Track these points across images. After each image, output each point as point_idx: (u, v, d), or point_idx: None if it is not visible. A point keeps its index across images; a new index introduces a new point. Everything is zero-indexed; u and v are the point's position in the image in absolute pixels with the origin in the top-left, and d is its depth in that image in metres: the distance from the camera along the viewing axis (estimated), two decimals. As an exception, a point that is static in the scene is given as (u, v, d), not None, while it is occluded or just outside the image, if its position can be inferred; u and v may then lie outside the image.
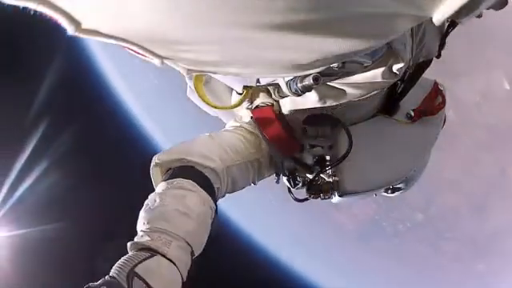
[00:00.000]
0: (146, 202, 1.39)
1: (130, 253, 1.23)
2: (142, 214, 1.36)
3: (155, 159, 1.55)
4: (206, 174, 1.51)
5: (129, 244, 1.27)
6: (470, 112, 5.70)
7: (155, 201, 1.36)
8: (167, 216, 1.32)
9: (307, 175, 1.84)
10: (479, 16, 1.63)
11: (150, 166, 1.56)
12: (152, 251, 1.22)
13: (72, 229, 7.50)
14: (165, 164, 1.53)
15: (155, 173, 1.55)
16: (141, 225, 1.32)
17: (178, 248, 1.27)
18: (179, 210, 1.34)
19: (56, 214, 7.48)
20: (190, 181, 1.43)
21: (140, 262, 1.17)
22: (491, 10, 1.18)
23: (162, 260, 1.22)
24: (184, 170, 1.49)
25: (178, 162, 1.51)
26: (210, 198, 1.46)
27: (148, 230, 1.29)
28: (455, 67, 5.34)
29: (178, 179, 1.43)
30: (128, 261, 1.18)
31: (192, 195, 1.40)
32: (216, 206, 1.49)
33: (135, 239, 1.29)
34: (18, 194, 7.12)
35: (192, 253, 1.33)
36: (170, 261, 1.23)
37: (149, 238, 1.26)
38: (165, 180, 1.46)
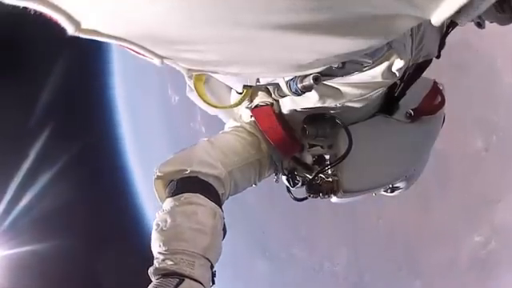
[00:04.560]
0: (156, 222, 1.38)
1: (156, 280, 1.23)
2: (155, 235, 1.35)
3: (157, 172, 1.54)
4: (210, 182, 1.51)
5: (151, 269, 1.27)
6: (511, 234, 5.48)
7: (166, 221, 1.35)
8: (183, 236, 1.31)
9: (306, 175, 1.84)
10: (481, 26, 1.64)
11: (149, 184, 1.55)
12: (179, 275, 1.22)
13: (69, 247, 7.50)
14: (167, 176, 1.52)
15: (157, 185, 1.54)
16: (156, 247, 1.32)
17: (201, 267, 1.28)
18: (193, 228, 1.34)
19: (53, 233, 7.48)
20: (198, 194, 1.43)
21: None
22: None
23: (192, 283, 1.22)
24: (188, 182, 1.48)
25: (181, 173, 1.50)
26: (218, 208, 1.46)
27: (167, 252, 1.28)
28: (489, 194, 5.32)
29: (185, 194, 1.42)
30: None
31: (202, 210, 1.40)
32: (222, 211, 1.49)
33: (156, 264, 1.28)
34: (14, 213, 7.13)
35: (211, 267, 1.34)
36: (198, 281, 1.24)
37: (172, 262, 1.25)
38: (171, 195, 1.45)
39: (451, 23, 1.51)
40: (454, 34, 1.78)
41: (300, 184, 1.88)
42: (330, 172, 1.73)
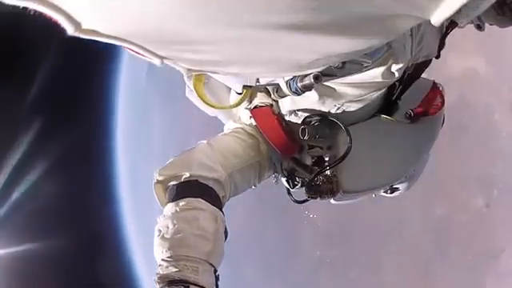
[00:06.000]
0: (157, 228, 1.38)
1: None
2: (157, 241, 1.35)
3: (157, 176, 1.54)
4: (210, 185, 1.51)
5: (156, 278, 1.27)
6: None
7: (168, 227, 1.36)
8: (186, 242, 1.32)
9: (306, 176, 1.84)
10: (481, 28, 1.64)
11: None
12: (184, 282, 1.23)
13: (59, 247, 7.41)
14: (167, 180, 1.52)
15: (157, 189, 1.54)
16: (159, 253, 1.32)
17: (205, 272, 1.29)
18: (195, 234, 1.35)
19: (41, 233, 7.38)
20: (198, 198, 1.43)
21: None
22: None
23: None
24: (188, 186, 1.48)
25: (181, 176, 1.50)
26: (219, 211, 1.47)
27: (170, 258, 1.29)
28: (492, 248, 5.39)
29: (185, 199, 1.43)
30: None
31: (203, 215, 1.40)
32: (223, 213, 1.50)
33: (160, 271, 1.29)
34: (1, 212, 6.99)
35: (215, 271, 1.35)
36: (203, 287, 1.25)
37: (176, 269, 1.26)
38: (171, 200, 1.45)
39: (451, 23, 1.51)
40: (451, 94, 1.83)
41: (299, 185, 1.88)
42: (329, 173, 1.73)
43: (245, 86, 1.47)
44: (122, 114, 9.81)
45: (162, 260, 1.30)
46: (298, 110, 1.71)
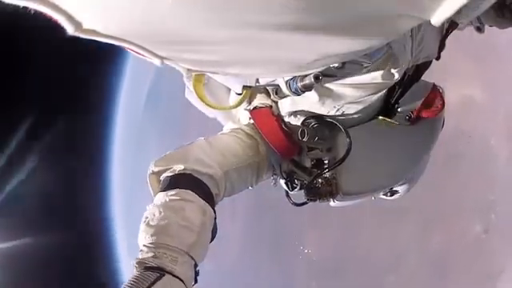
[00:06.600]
0: (145, 215, 1.38)
1: (136, 272, 1.22)
2: (142, 227, 1.35)
3: (152, 167, 1.54)
4: (204, 180, 1.50)
5: (134, 261, 1.27)
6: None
7: (154, 214, 1.35)
8: (169, 231, 1.31)
9: (305, 178, 1.83)
10: (480, 30, 1.65)
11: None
12: (160, 270, 1.22)
13: (51, 244, 7.40)
14: (162, 172, 1.52)
15: (152, 180, 1.54)
16: (142, 239, 1.32)
17: (184, 264, 1.27)
18: (180, 224, 1.33)
19: (32, 230, 7.38)
20: (189, 191, 1.42)
21: (152, 284, 1.17)
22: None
23: (171, 280, 1.22)
24: (182, 179, 1.47)
25: (176, 169, 1.50)
26: (210, 207, 1.45)
27: (152, 245, 1.28)
28: (491, 271, 5.43)
29: (176, 190, 1.42)
30: (137, 283, 1.17)
31: (191, 206, 1.39)
32: (215, 212, 1.48)
33: (140, 256, 1.28)
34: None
35: (195, 265, 1.33)
36: (179, 278, 1.23)
37: (155, 256, 1.25)
38: (163, 190, 1.44)
39: (451, 24, 1.51)
40: (447, 121, 1.84)
41: (298, 187, 1.87)
42: (328, 175, 1.73)
43: (244, 87, 1.47)
44: (122, 113, 9.84)
45: (144, 246, 1.29)
46: (298, 112, 1.70)
